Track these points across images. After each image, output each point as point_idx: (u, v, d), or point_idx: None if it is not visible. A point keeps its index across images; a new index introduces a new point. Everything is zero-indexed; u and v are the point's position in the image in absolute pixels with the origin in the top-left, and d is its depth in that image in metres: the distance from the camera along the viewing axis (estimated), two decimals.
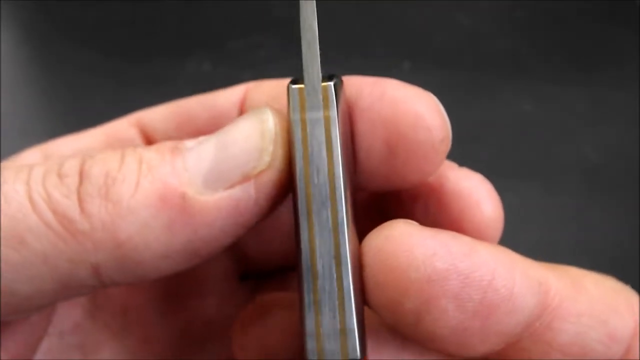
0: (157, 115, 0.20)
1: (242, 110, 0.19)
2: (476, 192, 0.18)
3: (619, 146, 0.44)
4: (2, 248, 0.14)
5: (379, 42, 0.52)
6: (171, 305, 0.20)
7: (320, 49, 0.15)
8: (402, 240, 0.14)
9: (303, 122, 0.14)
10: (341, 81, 0.15)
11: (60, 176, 0.14)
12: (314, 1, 0.15)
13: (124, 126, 0.20)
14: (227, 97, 0.19)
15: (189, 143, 0.15)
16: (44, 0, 0.57)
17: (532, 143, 0.44)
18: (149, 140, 0.20)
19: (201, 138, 0.15)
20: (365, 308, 0.15)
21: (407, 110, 0.15)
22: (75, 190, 0.14)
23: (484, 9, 0.53)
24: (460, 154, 0.49)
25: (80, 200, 0.14)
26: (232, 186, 0.14)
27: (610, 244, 0.39)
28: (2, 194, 0.14)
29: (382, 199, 0.19)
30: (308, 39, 0.14)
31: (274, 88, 0.19)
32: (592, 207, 0.41)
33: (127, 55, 0.52)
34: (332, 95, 0.14)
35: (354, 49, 0.51)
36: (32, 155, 0.21)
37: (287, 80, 0.18)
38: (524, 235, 0.40)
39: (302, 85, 0.14)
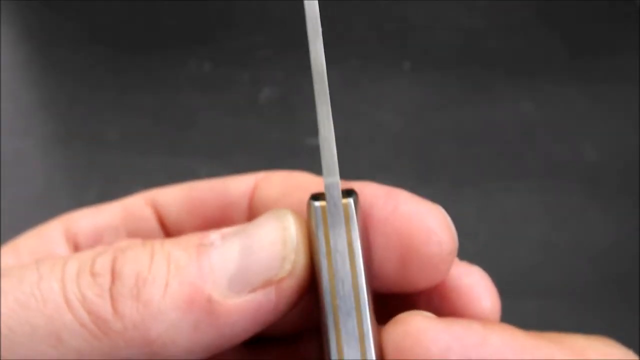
0: (170, 198, 0.21)
1: (251, 204, 0.20)
2: (477, 289, 0.19)
3: (619, 146, 0.44)
4: (41, 346, 0.15)
5: (379, 42, 0.52)
6: None
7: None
8: (418, 336, 0.15)
9: (326, 237, 0.15)
10: (357, 195, 0.16)
11: (93, 275, 0.15)
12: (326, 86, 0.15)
13: (141, 204, 0.21)
14: (238, 186, 0.20)
15: (213, 236, 0.16)
16: (44, 0, 0.57)
17: (532, 143, 0.44)
18: (162, 221, 0.21)
19: (225, 232, 0.16)
20: None
21: (420, 226, 0.17)
22: (108, 290, 0.15)
23: (484, 9, 0.53)
24: (461, 154, 0.50)
25: (113, 301, 0.15)
26: (254, 290, 0.15)
27: (610, 244, 0.39)
28: (40, 292, 0.15)
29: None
30: (325, 146, 0.15)
31: (284, 182, 0.20)
32: (592, 207, 0.41)
33: (127, 56, 0.53)
34: (353, 212, 0.15)
35: (354, 49, 0.51)
36: (54, 229, 0.21)
37: (294, 175, 0.19)
38: (524, 235, 0.40)
39: (324, 203, 0.15)
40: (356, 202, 0.16)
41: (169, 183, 0.47)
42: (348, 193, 0.16)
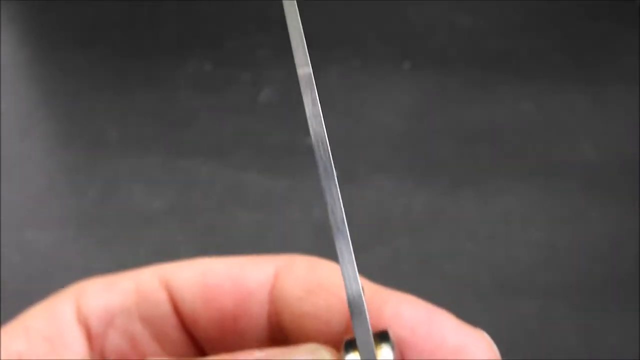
0: (186, 284, 0.20)
1: (271, 297, 0.19)
2: None
3: (619, 146, 0.44)
4: None
5: (379, 42, 0.52)
6: None
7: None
8: None
9: None
10: (393, 344, 0.15)
11: None
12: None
13: (155, 287, 0.20)
14: (257, 276, 0.19)
15: None
16: (44, 1, 0.57)
17: (532, 143, 0.44)
18: (176, 307, 0.20)
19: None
20: None
21: None
22: None
23: (484, 9, 0.53)
24: (461, 154, 0.50)
25: None
26: None
27: (610, 244, 0.39)
28: None
29: None
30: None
31: (307, 277, 0.19)
32: (592, 207, 0.41)
33: (127, 56, 0.53)
34: None
35: (354, 49, 0.51)
36: (65, 308, 0.20)
37: (317, 267, 0.18)
38: (524, 235, 0.40)
39: None
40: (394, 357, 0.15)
41: (169, 183, 0.47)
42: (381, 337, 0.15)
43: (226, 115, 0.48)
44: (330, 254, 0.16)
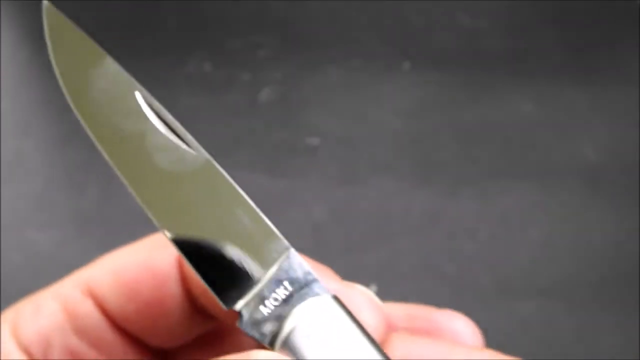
0: (106, 287, 0.20)
1: (181, 270, 0.20)
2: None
3: (619, 146, 0.44)
4: None
5: (379, 42, 0.52)
6: None
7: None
8: None
9: None
10: None
11: None
12: None
13: (79, 298, 0.20)
14: (165, 258, 0.20)
15: None
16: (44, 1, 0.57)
17: (532, 143, 0.44)
18: (104, 312, 0.20)
19: None
20: None
21: None
22: None
23: (484, 9, 0.53)
24: (461, 154, 0.49)
25: None
26: None
27: (610, 244, 0.39)
28: None
29: None
30: None
31: None
32: (592, 207, 0.41)
33: (126, 56, 0.52)
34: None
35: (354, 49, 0.51)
36: (5, 335, 0.20)
37: None
38: (524, 235, 0.40)
39: None
40: None
41: None
42: None
43: (226, 115, 0.48)
44: (330, 253, 0.16)
